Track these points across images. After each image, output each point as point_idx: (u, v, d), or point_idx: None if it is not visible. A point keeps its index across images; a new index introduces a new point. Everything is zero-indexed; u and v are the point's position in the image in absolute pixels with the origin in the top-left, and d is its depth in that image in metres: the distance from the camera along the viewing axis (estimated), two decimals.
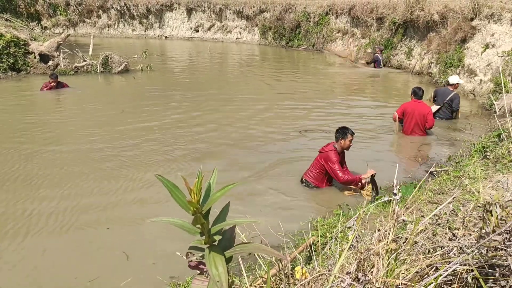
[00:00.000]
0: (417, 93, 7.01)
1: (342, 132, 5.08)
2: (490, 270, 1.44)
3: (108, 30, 24.80)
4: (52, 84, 10.23)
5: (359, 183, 4.98)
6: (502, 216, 1.45)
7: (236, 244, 1.02)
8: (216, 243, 0.98)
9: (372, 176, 4.91)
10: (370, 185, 4.93)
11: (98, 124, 7.79)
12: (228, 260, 0.98)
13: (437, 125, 7.31)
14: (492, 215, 1.45)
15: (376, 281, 1.49)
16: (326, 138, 6.38)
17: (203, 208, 0.94)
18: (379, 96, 10.51)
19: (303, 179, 5.30)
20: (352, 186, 5.08)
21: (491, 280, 1.43)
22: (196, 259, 1.05)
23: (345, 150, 5.23)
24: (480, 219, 1.52)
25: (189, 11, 23.47)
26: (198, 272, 1.13)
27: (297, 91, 10.87)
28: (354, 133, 5.16)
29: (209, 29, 23.18)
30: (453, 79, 8.04)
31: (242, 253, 1.03)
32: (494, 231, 1.41)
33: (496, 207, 1.44)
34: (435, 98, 8.21)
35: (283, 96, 10.32)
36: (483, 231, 1.45)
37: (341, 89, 11.38)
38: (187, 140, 6.92)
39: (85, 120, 8.08)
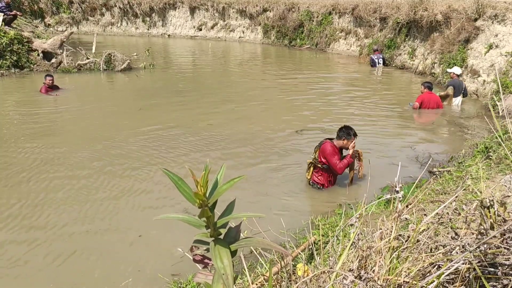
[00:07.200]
0: (430, 87, 8.78)
1: (346, 132, 5.05)
2: (492, 269, 1.45)
3: (111, 28, 24.85)
4: (48, 81, 9.79)
5: (352, 160, 5.13)
6: (499, 212, 1.46)
7: (241, 239, 1.02)
8: (221, 236, 0.99)
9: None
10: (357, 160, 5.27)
11: (105, 124, 7.82)
12: (233, 254, 0.99)
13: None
14: (489, 211, 1.45)
15: (378, 278, 1.50)
16: (323, 137, 6.38)
17: (210, 200, 0.95)
18: (379, 95, 10.49)
19: (310, 181, 5.27)
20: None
21: (494, 279, 1.43)
22: (201, 252, 1.06)
23: (344, 149, 5.23)
24: (479, 215, 1.53)
25: (192, 10, 23.49)
26: (202, 266, 1.13)
27: (298, 90, 10.86)
28: (357, 135, 5.13)
29: (212, 27, 23.19)
30: (458, 70, 9.38)
31: (247, 246, 1.03)
32: (492, 227, 1.42)
33: (493, 203, 1.44)
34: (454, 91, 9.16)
35: (283, 95, 10.32)
36: (481, 227, 1.46)
37: (342, 88, 11.36)
38: (189, 138, 6.94)
39: (94, 118, 8.11)
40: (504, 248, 1.41)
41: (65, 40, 13.47)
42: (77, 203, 4.75)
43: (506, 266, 1.41)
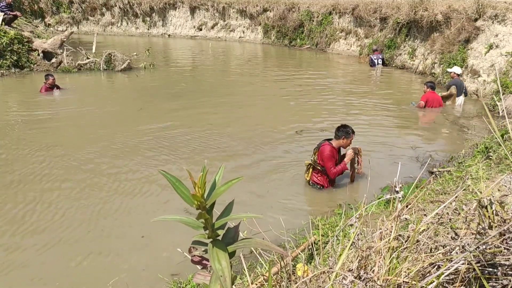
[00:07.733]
0: (433, 87, 8.92)
1: (345, 131, 5.07)
2: (491, 269, 1.44)
3: (111, 28, 24.83)
4: (51, 81, 9.77)
5: (346, 168, 5.18)
6: (497, 212, 1.45)
7: (239, 239, 1.02)
8: (219, 237, 0.98)
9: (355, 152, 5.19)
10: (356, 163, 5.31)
11: (105, 124, 7.81)
12: (231, 255, 0.98)
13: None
14: (487, 211, 1.45)
15: (378, 278, 1.49)
16: (323, 138, 6.38)
17: (208, 202, 0.94)
18: (379, 95, 10.48)
19: (310, 182, 5.28)
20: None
21: (493, 279, 1.43)
22: (199, 254, 1.06)
23: (342, 148, 5.24)
24: (478, 215, 1.52)
25: (193, 10, 23.47)
26: (200, 267, 1.13)
27: (298, 90, 10.85)
28: (354, 132, 5.16)
29: (212, 27, 23.17)
30: (458, 69, 9.53)
31: (245, 247, 1.03)
32: (490, 227, 1.41)
33: (491, 202, 1.44)
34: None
35: (283, 95, 10.31)
36: (480, 227, 1.45)
37: (342, 88, 11.35)
38: (189, 138, 6.94)
39: (94, 118, 8.10)
40: (504, 248, 1.41)
41: (65, 40, 13.46)
42: (77, 205, 4.74)
43: (506, 266, 1.40)
